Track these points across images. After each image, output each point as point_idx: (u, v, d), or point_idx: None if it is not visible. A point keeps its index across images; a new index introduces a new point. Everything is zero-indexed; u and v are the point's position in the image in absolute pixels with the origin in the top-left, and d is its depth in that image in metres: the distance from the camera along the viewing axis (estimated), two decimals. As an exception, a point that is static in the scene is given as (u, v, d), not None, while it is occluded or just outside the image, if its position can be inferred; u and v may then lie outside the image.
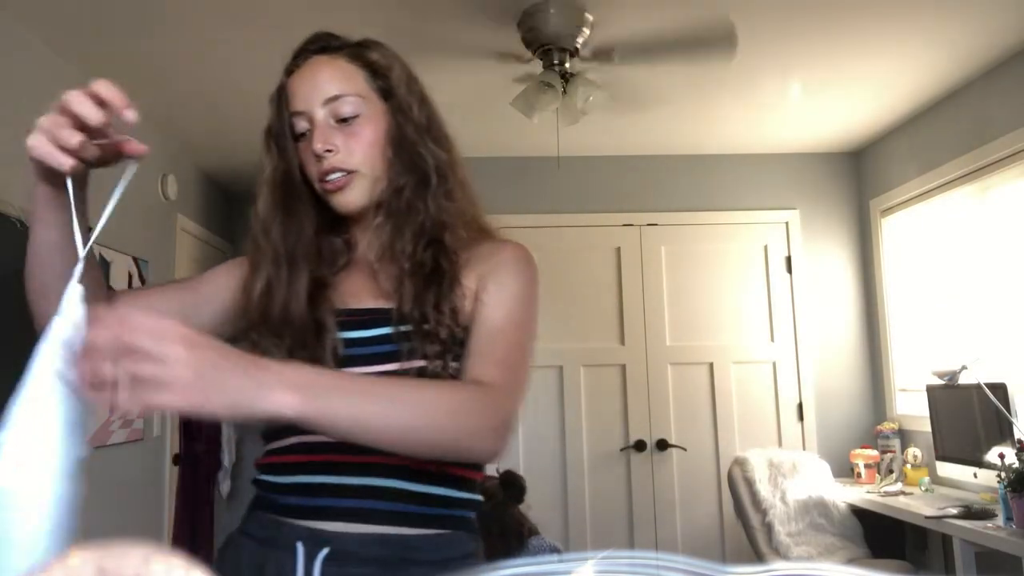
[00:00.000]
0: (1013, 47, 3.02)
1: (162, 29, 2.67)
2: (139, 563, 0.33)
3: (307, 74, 1.02)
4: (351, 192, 1.01)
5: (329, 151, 0.98)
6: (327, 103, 0.99)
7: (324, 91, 1.00)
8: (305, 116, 1.01)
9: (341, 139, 0.99)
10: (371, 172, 1.01)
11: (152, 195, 3.65)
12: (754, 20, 2.73)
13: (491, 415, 0.90)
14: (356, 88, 1.01)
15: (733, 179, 4.32)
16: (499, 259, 1.02)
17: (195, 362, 0.66)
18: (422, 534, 0.95)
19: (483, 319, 0.98)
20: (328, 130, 0.99)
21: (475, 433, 0.88)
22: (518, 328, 0.99)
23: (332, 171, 0.99)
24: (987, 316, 3.26)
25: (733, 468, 3.56)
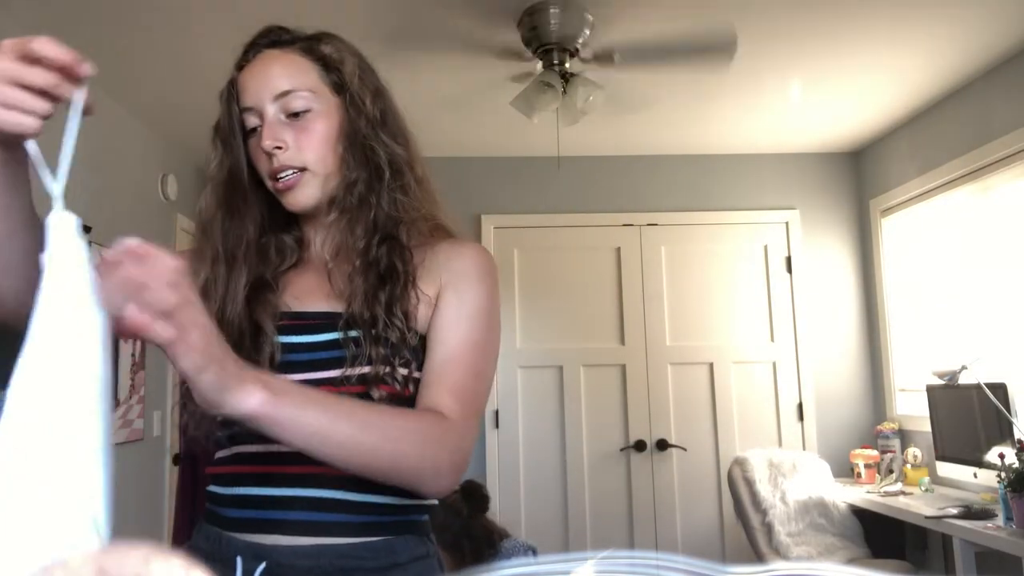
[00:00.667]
0: (1013, 47, 3.02)
1: (162, 29, 2.67)
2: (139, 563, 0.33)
3: (258, 68, 1.00)
4: (302, 191, 0.97)
5: (279, 148, 0.95)
6: (278, 98, 0.97)
7: (275, 86, 0.97)
8: (255, 112, 0.98)
9: (291, 135, 0.96)
10: (322, 169, 0.98)
11: (152, 195, 3.65)
12: (754, 20, 2.73)
13: (451, 451, 0.89)
14: (307, 83, 0.98)
15: (733, 179, 4.32)
16: (460, 266, 0.99)
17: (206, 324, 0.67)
18: (363, 542, 0.92)
19: (441, 339, 0.95)
20: (278, 126, 0.96)
21: (435, 467, 0.88)
22: (476, 350, 0.96)
23: (282, 169, 0.96)
24: (987, 316, 3.26)
25: (733, 468, 3.56)
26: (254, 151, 0.99)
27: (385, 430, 0.84)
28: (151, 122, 3.53)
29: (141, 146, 3.54)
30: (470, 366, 0.95)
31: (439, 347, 0.95)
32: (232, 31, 3.01)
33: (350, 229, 0.98)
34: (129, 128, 3.41)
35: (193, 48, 2.82)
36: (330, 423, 0.79)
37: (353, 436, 0.81)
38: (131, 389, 3.27)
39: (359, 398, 0.90)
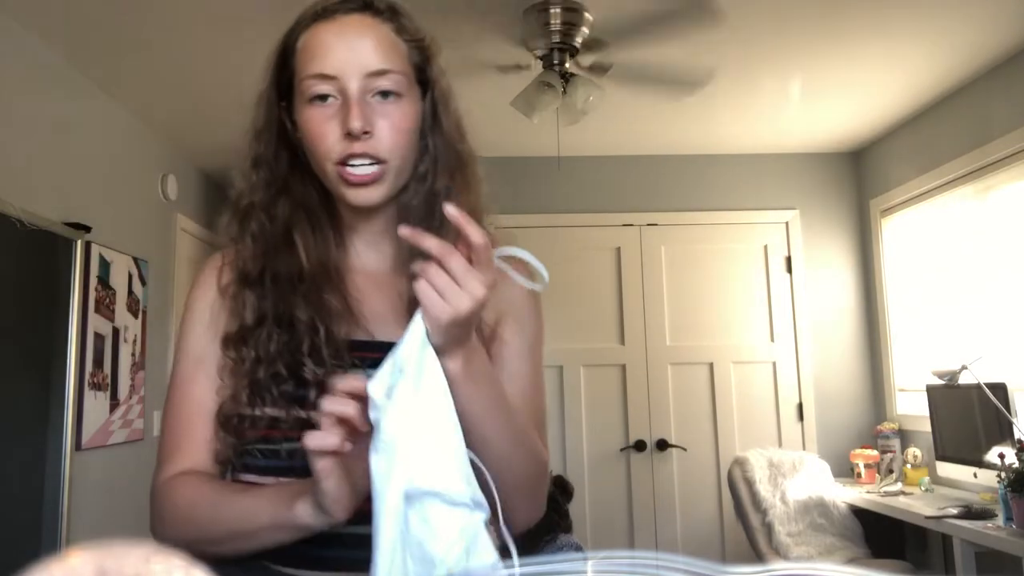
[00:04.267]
0: (1013, 47, 3.02)
1: (162, 29, 2.67)
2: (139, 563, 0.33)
3: (349, 33, 0.85)
4: (378, 187, 0.86)
5: (367, 133, 0.83)
6: (369, 76, 0.83)
7: (369, 60, 0.83)
8: (334, 82, 0.83)
9: (377, 121, 0.84)
10: (400, 163, 0.86)
11: (152, 195, 3.65)
12: (754, 20, 2.73)
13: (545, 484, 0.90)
14: (402, 66, 0.86)
15: (733, 179, 4.32)
16: (513, 294, 0.90)
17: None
18: None
19: (511, 370, 0.92)
20: (367, 107, 0.83)
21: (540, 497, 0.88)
22: (538, 378, 0.97)
23: (362, 156, 0.83)
24: (987, 316, 3.26)
25: (733, 468, 3.56)
26: (316, 123, 0.84)
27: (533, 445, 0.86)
28: (151, 122, 3.53)
29: (141, 146, 3.54)
30: (542, 400, 0.96)
31: (515, 380, 0.92)
32: (232, 31, 3.02)
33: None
34: (129, 128, 3.41)
35: (193, 49, 2.82)
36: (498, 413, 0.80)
37: (515, 435, 0.82)
38: (131, 389, 3.27)
39: None
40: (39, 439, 2.67)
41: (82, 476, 2.83)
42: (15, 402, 2.56)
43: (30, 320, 2.66)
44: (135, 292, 3.32)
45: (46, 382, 2.70)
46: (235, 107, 1.04)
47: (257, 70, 1.01)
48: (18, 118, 2.58)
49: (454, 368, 0.73)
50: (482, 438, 0.76)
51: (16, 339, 2.55)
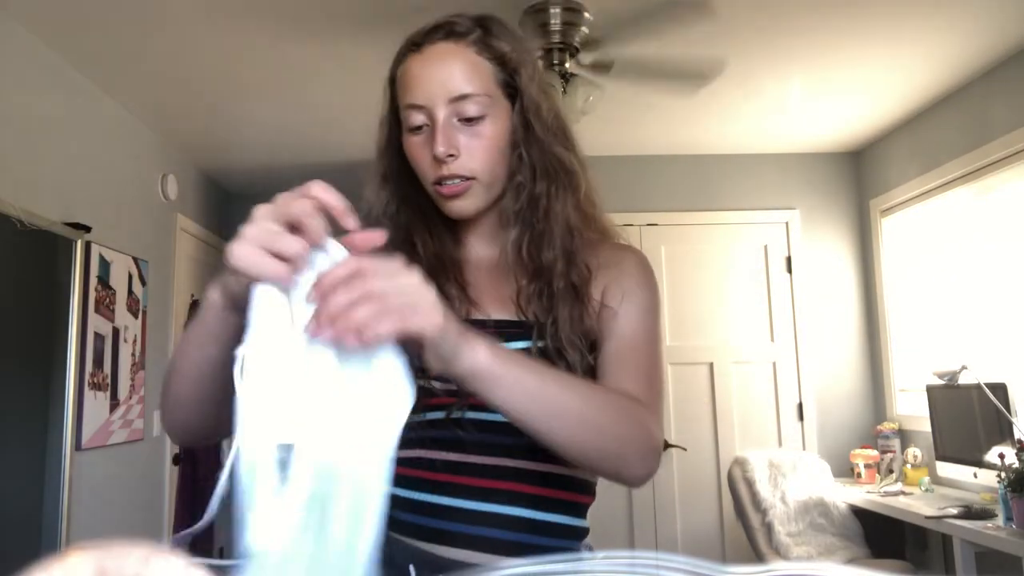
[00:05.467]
0: (1013, 47, 3.02)
1: (162, 29, 2.67)
2: (139, 563, 0.33)
3: (433, 64, 0.91)
4: (467, 200, 0.93)
5: (452, 156, 0.90)
6: (453, 101, 0.89)
7: (451, 88, 0.89)
8: (424, 111, 0.90)
9: (463, 141, 0.90)
10: (489, 177, 0.93)
11: (152, 195, 3.65)
12: (754, 19, 2.73)
13: (652, 434, 0.84)
14: (485, 87, 0.91)
15: (733, 179, 4.32)
16: (623, 267, 0.97)
17: (428, 288, 0.64)
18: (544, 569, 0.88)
19: (616, 332, 0.92)
20: (451, 131, 0.90)
21: (643, 450, 0.82)
22: (652, 344, 0.94)
23: (451, 177, 0.91)
24: (987, 316, 3.26)
25: (733, 468, 3.56)
26: (415, 148, 0.93)
27: (605, 404, 0.80)
28: (151, 122, 3.53)
29: (141, 146, 3.54)
30: (649, 356, 0.93)
31: (615, 337, 0.92)
32: (232, 31, 3.02)
33: (531, 242, 0.94)
34: (129, 128, 3.41)
35: (193, 48, 2.82)
36: (554, 389, 0.76)
37: (576, 406, 0.77)
38: (131, 389, 3.27)
39: None
40: (39, 439, 2.67)
41: (82, 476, 2.83)
42: (15, 402, 2.56)
43: (30, 320, 2.65)
44: (135, 292, 3.32)
45: (46, 382, 2.70)
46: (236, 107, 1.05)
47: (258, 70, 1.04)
48: (18, 118, 2.58)
49: (484, 359, 0.69)
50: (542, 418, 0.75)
51: (16, 339, 2.55)
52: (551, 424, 0.75)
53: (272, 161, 4.11)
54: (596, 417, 0.78)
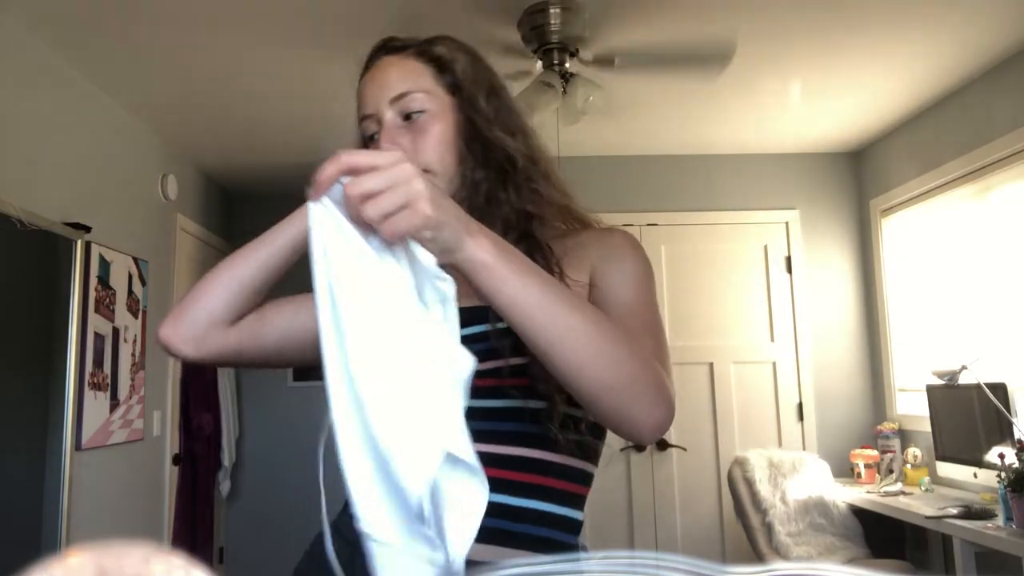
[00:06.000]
0: (1013, 47, 3.02)
1: (162, 29, 2.67)
2: (139, 563, 0.33)
3: (375, 75, 0.99)
4: None
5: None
6: (393, 102, 0.96)
7: (390, 90, 0.96)
8: (374, 118, 0.97)
9: (408, 138, 0.95)
10: (442, 169, 0.95)
11: (152, 195, 3.65)
12: (755, 20, 2.73)
13: (659, 376, 0.78)
14: (422, 84, 0.97)
15: (733, 179, 4.32)
16: (610, 244, 0.97)
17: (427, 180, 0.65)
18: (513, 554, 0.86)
19: (613, 300, 0.90)
20: (395, 130, 0.95)
21: (648, 390, 0.75)
22: (651, 307, 0.92)
23: None
24: (987, 316, 3.26)
25: (733, 468, 3.56)
26: None
27: (616, 333, 0.75)
28: (151, 122, 3.53)
29: (141, 146, 3.54)
30: (650, 319, 0.90)
31: (614, 305, 0.89)
32: (233, 31, 3.02)
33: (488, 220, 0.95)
34: (129, 128, 3.41)
35: (193, 48, 2.82)
36: (562, 299, 0.72)
37: (584, 324, 0.72)
38: (131, 389, 3.27)
39: (520, 392, 0.88)
40: (39, 439, 2.67)
41: (82, 476, 2.83)
42: (15, 402, 2.56)
43: (30, 320, 2.66)
44: (135, 292, 3.32)
45: (46, 382, 2.70)
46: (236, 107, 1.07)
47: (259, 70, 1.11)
48: (18, 118, 2.58)
49: (486, 249, 0.68)
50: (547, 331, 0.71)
51: (16, 339, 2.55)
52: (556, 336, 0.71)
53: (272, 161, 4.11)
54: (604, 341, 0.73)
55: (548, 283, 0.72)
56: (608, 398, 0.75)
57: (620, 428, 0.78)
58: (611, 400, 0.75)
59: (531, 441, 0.90)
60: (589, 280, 0.94)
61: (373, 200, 0.62)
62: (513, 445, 0.90)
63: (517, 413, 0.89)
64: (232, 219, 4.62)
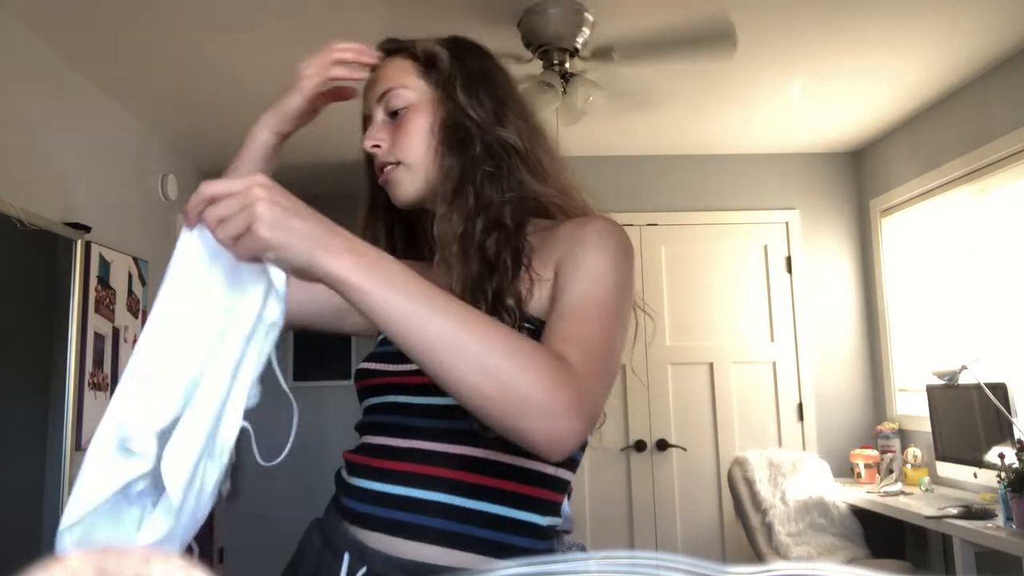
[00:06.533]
0: (1013, 47, 3.02)
1: (163, 30, 2.67)
2: (139, 563, 0.33)
3: (371, 79, 1.04)
4: (399, 185, 0.99)
5: (376, 147, 1.00)
6: (380, 100, 1.01)
7: (378, 88, 1.01)
8: (369, 119, 1.03)
9: (389, 132, 1.00)
10: (416, 161, 0.98)
11: (152, 195, 3.65)
12: (754, 19, 2.73)
13: (570, 388, 0.72)
14: (403, 80, 1.00)
15: (733, 179, 4.32)
16: (577, 237, 0.91)
17: (272, 197, 0.66)
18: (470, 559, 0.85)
19: (558, 296, 0.87)
20: (378, 127, 1.00)
21: (538, 402, 0.70)
22: (598, 307, 0.84)
23: (382, 166, 1.00)
24: (987, 316, 3.26)
25: (733, 468, 3.56)
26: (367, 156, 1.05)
27: (496, 340, 0.71)
28: (151, 122, 3.53)
29: (141, 146, 3.54)
30: (592, 321, 0.82)
31: (556, 303, 0.86)
32: (233, 31, 3.02)
33: (456, 220, 0.94)
34: (129, 128, 3.41)
35: (193, 48, 2.82)
36: (430, 308, 0.69)
37: (457, 332, 0.69)
38: (131, 389, 3.26)
39: None
40: (39, 439, 2.67)
41: (82, 476, 2.82)
42: (15, 402, 2.56)
43: (30, 320, 2.66)
44: (135, 292, 3.32)
45: (46, 382, 2.70)
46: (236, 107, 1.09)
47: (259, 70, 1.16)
48: (19, 118, 2.58)
49: (343, 265, 0.66)
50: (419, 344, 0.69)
51: (16, 339, 2.55)
52: (427, 348, 0.69)
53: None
54: (483, 352, 0.69)
55: (418, 295, 0.69)
56: (491, 412, 0.71)
57: (517, 442, 0.73)
58: (495, 414, 0.71)
59: (475, 440, 0.86)
60: (553, 276, 0.90)
61: (222, 225, 0.65)
62: (456, 444, 0.88)
63: (457, 410, 0.79)
64: (232, 219, 4.62)
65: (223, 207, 0.66)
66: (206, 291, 0.67)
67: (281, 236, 0.65)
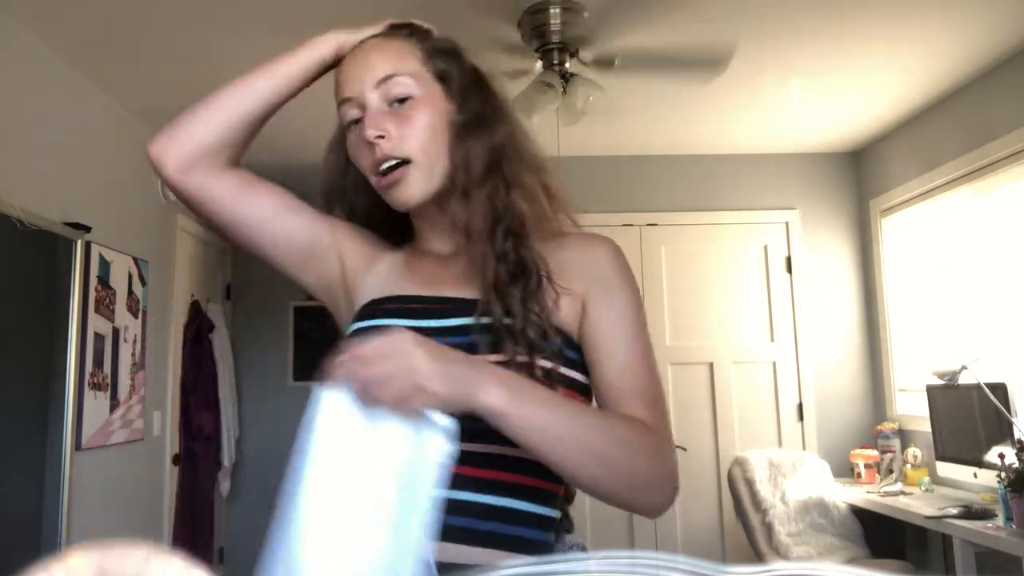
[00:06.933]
0: (1013, 47, 3.02)
1: (163, 29, 2.67)
2: (139, 563, 0.33)
3: (359, 57, 0.93)
4: (407, 186, 0.90)
5: (381, 137, 0.88)
6: (379, 84, 0.90)
7: (375, 72, 0.90)
8: (355, 102, 0.91)
9: (394, 124, 0.89)
10: (427, 160, 0.90)
11: (152, 195, 3.65)
12: (755, 20, 2.73)
13: (666, 461, 0.85)
14: (409, 67, 0.92)
15: (733, 179, 4.32)
16: (601, 267, 0.93)
17: (427, 351, 0.70)
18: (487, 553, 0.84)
19: (610, 349, 0.90)
20: (380, 115, 0.90)
21: (656, 479, 0.83)
22: (648, 356, 0.92)
23: (385, 159, 0.89)
24: (987, 316, 3.26)
25: (733, 468, 3.56)
26: (355, 146, 0.93)
27: (618, 438, 0.82)
28: (151, 122, 3.53)
29: (141, 146, 3.53)
30: (649, 372, 0.91)
31: (613, 357, 0.90)
32: (233, 32, 3.02)
33: (477, 221, 0.91)
34: (129, 128, 3.41)
35: (194, 48, 2.82)
36: (566, 422, 0.78)
37: (588, 439, 0.79)
38: (131, 389, 3.27)
39: None
40: (39, 439, 2.67)
41: (82, 476, 2.83)
42: (15, 402, 2.56)
43: (30, 320, 2.66)
44: (135, 292, 3.32)
45: (46, 382, 2.70)
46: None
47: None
48: (18, 118, 2.58)
49: (498, 400, 0.73)
50: (553, 449, 0.77)
51: (16, 339, 2.55)
52: (571, 462, 0.78)
53: (272, 161, 4.10)
54: (609, 450, 0.80)
55: (561, 414, 0.78)
56: (620, 500, 0.84)
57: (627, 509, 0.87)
58: (622, 501, 0.84)
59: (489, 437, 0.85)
60: (581, 298, 0.91)
61: (383, 385, 0.68)
62: (472, 441, 0.85)
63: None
64: (232, 219, 4.61)
65: (383, 367, 0.68)
66: (360, 442, 0.68)
67: (448, 388, 0.70)
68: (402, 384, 0.68)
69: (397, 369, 0.68)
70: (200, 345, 4.02)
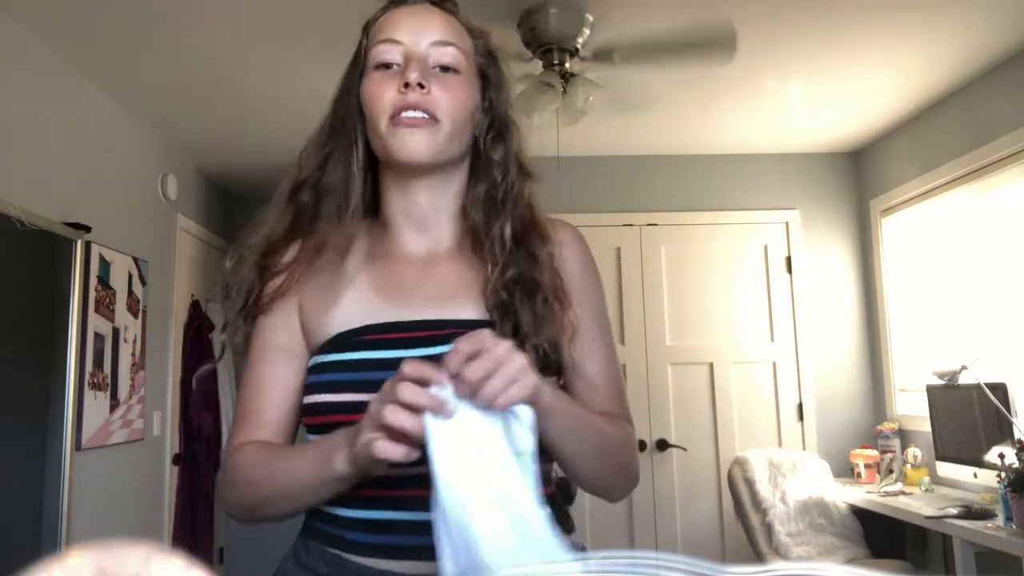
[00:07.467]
0: (1013, 47, 3.02)
1: (163, 30, 2.67)
2: (139, 563, 0.33)
3: (419, 12, 0.93)
4: (423, 139, 0.88)
5: (422, 86, 0.87)
6: (436, 44, 0.90)
7: (437, 32, 0.91)
8: (402, 48, 0.90)
9: (436, 85, 0.89)
10: (452, 129, 0.90)
11: (152, 195, 3.65)
12: (754, 20, 2.73)
13: (635, 449, 0.97)
14: (465, 47, 0.94)
15: (733, 179, 4.32)
16: (575, 263, 0.99)
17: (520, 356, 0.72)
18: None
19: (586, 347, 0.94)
20: (428, 71, 0.89)
21: (631, 474, 0.95)
22: (613, 348, 1.00)
23: (416, 107, 0.87)
24: (987, 316, 3.26)
25: (733, 468, 3.56)
26: (376, 84, 0.90)
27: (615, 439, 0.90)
28: (151, 122, 3.53)
29: (141, 146, 3.54)
30: (617, 368, 1.00)
31: (591, 357, 0.95)
32: (232, 32, 3.02)
33: (486, 222, 0.94)
34: (129, 128, 3.41)
35: (194, 48, 2.82)
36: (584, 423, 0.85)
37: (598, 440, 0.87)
38: (131, 389, 3.27)
39: None
40: (39, 439, 2.67)
41: (82, 476, 2.83)
42: (15, 402, 2.56)
43: (30, 320, 2.66)
44: (135, 292, 3.32)
45: (46, 382, 2.70)
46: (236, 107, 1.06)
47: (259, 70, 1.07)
48: (19, 118, 2.58)
49: (547, 396, 0.77)
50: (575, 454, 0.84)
51: (16, 339, 2.55)
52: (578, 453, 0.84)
53: (272, 161, 4.10)
54: (612, 451, 0.90)
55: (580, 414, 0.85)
56: (608, 490, 0.95)
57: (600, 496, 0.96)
58: (609, 491, 0.95)
59: None
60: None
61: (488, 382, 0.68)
62: None
63: None
64: (232, 219, 4.62)
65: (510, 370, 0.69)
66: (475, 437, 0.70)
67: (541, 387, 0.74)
68: (526, 383, 0.70)
69: (519, 370, 0.70)
70: (200, 345, 4.02)
